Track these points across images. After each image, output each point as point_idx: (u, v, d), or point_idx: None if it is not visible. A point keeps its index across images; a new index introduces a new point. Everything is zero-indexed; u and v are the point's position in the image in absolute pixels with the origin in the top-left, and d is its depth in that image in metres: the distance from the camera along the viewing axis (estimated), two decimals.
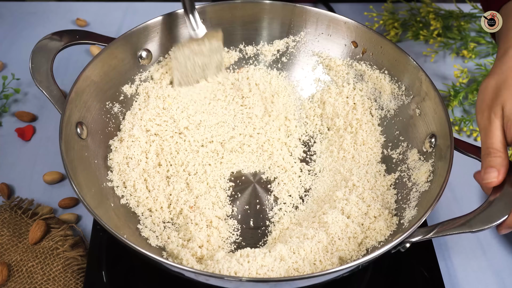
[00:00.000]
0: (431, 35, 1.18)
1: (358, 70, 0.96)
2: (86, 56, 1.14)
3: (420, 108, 0.87)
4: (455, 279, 0.85)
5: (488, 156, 0.74)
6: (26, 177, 0.95)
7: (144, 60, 0.93)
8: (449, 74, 1.15)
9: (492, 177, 0.73)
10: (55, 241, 0.85)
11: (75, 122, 0.81)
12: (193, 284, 0.71)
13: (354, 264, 0.68)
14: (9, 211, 0.88)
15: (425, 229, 0.72)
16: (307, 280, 0.68)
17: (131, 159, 0.86)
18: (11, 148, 0.99)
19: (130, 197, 0.84)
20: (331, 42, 0.97)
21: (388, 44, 0.92)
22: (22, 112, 1.03)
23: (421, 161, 0.84)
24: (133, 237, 0.79)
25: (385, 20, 1.21)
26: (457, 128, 1.05)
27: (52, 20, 1.23)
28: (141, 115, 0.90)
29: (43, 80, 0.83)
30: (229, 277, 0.70)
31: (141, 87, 0.93)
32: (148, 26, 0.92)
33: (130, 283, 0.83)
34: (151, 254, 0.67)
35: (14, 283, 0.81)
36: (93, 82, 0.85)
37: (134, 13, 1.25)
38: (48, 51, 0.86)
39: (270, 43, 0.99)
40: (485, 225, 0.71)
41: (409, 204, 0.81)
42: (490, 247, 0.89)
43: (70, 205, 0.91)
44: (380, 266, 0.85)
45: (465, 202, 0.94)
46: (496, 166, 0.73)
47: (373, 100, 0.95)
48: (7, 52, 1.15)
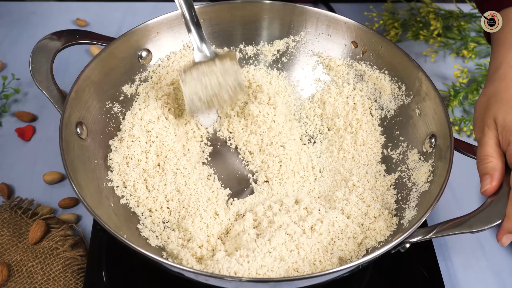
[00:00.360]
0: (431, 35, 1.18)
1: (358, 70, 0.96)
2: (86, 56, 1.14)
3: (420, 108, 0.87)
4: (455, 279, 0.85)
5: (481, 164, 0.74)
6: (26, 177, 0.95)
7: (144, 60, 0.93)
8: (449, 74, 1.15)
9: (486, 184, 0.73)
10: (55, 241, 0.85)
11: (75, 122, 0.81)
12: (193, 284, 0.71)
13: (354, 264, 0.68)
14: (9, 211, 0.88)
15: (425, 230, 0.72)
16: (307, 280, 0.68)
17: (131, 159, 0.86)
18: (11, 148, 0.99)
19: (130, 197, 0.84)
20: (331, 42, 0.97)
21: (388, 44, 0.92)
22: (22, 112, 1.03)
23: (421, 161, 0.84)
24: (133, 237, 0.79)
25: (385, 20, 1.21)
26: (457, 128, 1.05)
27: (52, 20, 1.23)
28: (141, 115, 0.90)
29: (43, 80, 0.83)
30: (229, 277, 0.70)
31: (141, 87, 0.93)
32: (148, 26, 0.92)
33: (130, 283, 0.83)
34: (151, 254, 0.67)
35: (14, 283, 0.81)
36: (93, 82, 0.85)
37: (134, 13, 1.25)
38: (48, 51, 0.86)
39: (270, 43, 0.99)
40: (485, 226, 0.71)
41: (409, 204, 0.81)
42: (490, 247, 0.89)
43: (70, 205, 0.91)
44: (380, 266, 0.85)
45: (465, 202, 0.94)
46: (489, 172, 0.73)
47: (373, 100, 0.95)
48: (7, 52, 1.15)
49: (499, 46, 0.82)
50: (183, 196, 0.85)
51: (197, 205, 0.84)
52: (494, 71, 0.80)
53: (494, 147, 0.74)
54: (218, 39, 0.97)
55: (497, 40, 0.83)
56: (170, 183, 0.86)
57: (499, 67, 0.80)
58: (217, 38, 0.97)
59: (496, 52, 0.82)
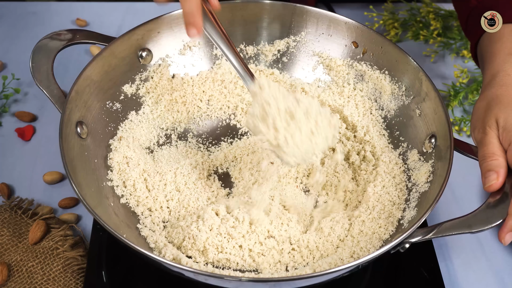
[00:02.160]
0: (431, 35, 1.18)
1: (359, 70, 0.96)
2: (86, 56, 1.14)
3: (420, 109, 0.87)
4: (455, 279, 0.85)
5: (485, 161, 0.74)
6: (26, 177, 0.95)
7: (144, 59, 0.93)
8: (449, 74, 1.15)
9: (492, 180, 0.73)
10: (55, 241, 0.85)
11: (75, 121, 0.81)
12: (193, 284, 0.72)
13: (354, 264, 0.68)
14: (9, 211, 0.88)
15: (425, 230, 0.72)
16: (307, 280, 0.68)
17: (131, 158, 0.86)
18: (11, 148, 0.99)
19: (130, 197, 0.84)
20: (331, 42, 0.97)
21: (388, 44, 0.92)
22: (22, 112, 1.03)
23: (421, 161, 0.84)
24: (133, 237, 0.79)
25: (385, 20, 1.21)
26: (457, 128, 1.05)
27: (52, 20, 1.23)
28: (142, 115, 0.90)
29: (44, 79, 0.83)
30: (229, 277, 0.70)
31: (142, 86, 0.93)
32: (150, 26, 0.92)
33: (130, 283, 0.83)
34: (151, 254, 0.67)
35: (14, 283, 0.81)
36: (93, 82, 0.85)
37: (134, 13, 1.25)
38: (48, 51, 0.86)
39: (270, 43, 0.99)
40: (485, 226, 0.71)
41: (409, 205, 0.81)
42: (490, 247, 0.89)
43: (70, 205, 0.91)
44: (380, 266, 0.85)
45: (465, 202, 0.94)
46: (495, 169, 0.73)
47: (373, 101, 0.95)
48: (7, 52, 1.15)
49: (494, 57, 0.84)
50: (183, 196, 0.85)
51: (196, 204, 0.84)
52: (491, 78, 0.82)
53: (497, 146, 0.75)
54: None
55: (491, 53, 0.85)
56: (170, 182, 0.86)
57: (496, 75, 0.81)
58: None
59: (491, 62, 0.83)
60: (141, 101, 0.93)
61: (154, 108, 0.93)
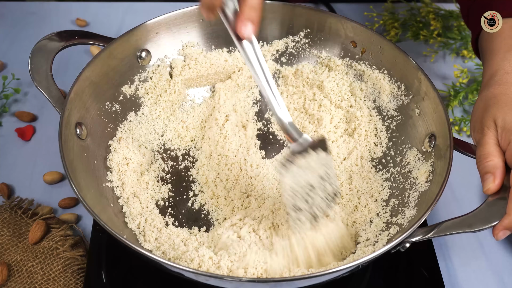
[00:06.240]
0: (431, 35, 1.18)
1: (358, 70, 0.96)
2: (86, 56, 1.14)
3: (420, 108, 0.87)
4: (455, 279, 0.85)
5: (481, 163, 0.74)
6: (26, 177, 0.95)
7: (143, 60, 0.93)
8: (449, 74, 1.15)
9: (488, 183, 0.73)
10: (55, 241, 0.85)
11: (74, 122, 0.81)
12: (193, 284, 0.71)
13: (354, 264, 0.68)
14: (9, 211, 0.88)
15: (425, 229, 0.72)
16: (307, 280, 0.68)
17: (130, 159, 0.86)
18: (11, 148, 0.99)
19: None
20: (330, 42, 0.97)
21: (387, 44, 0.92)
22: (22, 112, 1.04)
23: (421, 161, 0.84)
24: (133, 237, 0.79)
25: (385, 20, 1.21)
26: (457, 128, 1.05)
27: (52, 20, 1.23)
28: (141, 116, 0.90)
29: (43, 80, 0.83)
30: (229, 277, 0.70)
31: (141, 87, 0.93)
32: (147, 26, 0.92)
33: (130, 283, 0.83)
34: (151, 255, 0.67)
35: (14, 283, 0.81)
36: (92, 83, 0.85)
37: (134, 13, 1.25)
38: (47, 51, 0.86)
39: (269, 43, 0.99)
40: (484, 225, 0.71)
41: (409, 204, 0.81)
42: (490, 247, 0.89)
43: (70, 205, 0.91)
44: (380, 266, 0.85)
45: (465, 202, 0.94)
46: (491, 170, 0.73)
47: (372, 100, 0.95)
48: (7, 52, 1.16)
49: (493, 54, 0.83)
50: None
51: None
52: (489, 77, 0.82)
53: (494, 146, 0.75)
54: (218, 39, 0.97)
55: (491, 50, 0.84)
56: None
57: (494, 74, 0.81)
58: (217, 38, 0.97)
59: (490, 60, 0.83)
60: (140, 102, 0.93)
61: (153, 108, 0.93)
